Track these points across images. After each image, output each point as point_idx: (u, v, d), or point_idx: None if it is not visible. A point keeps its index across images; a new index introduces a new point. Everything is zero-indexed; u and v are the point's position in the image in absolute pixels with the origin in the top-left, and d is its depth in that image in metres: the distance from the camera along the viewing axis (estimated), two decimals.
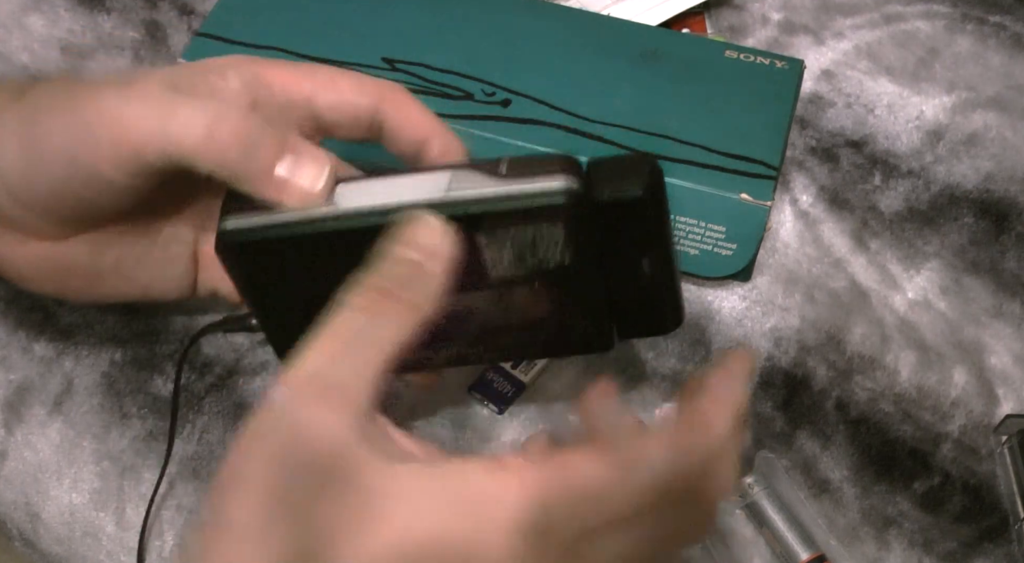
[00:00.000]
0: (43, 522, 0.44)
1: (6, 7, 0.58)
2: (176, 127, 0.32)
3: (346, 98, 0.37)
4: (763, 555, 0.44)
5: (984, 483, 0.46)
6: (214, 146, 0.32)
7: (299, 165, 0.33)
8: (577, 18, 0.53)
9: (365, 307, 0.30)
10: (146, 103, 0.33)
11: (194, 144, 0.32)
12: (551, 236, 0.31)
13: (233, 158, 0.32)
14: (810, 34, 0.59)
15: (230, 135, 0.32)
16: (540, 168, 0.31)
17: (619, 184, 0.31)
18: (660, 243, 0.32)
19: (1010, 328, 0.49)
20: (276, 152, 0.32)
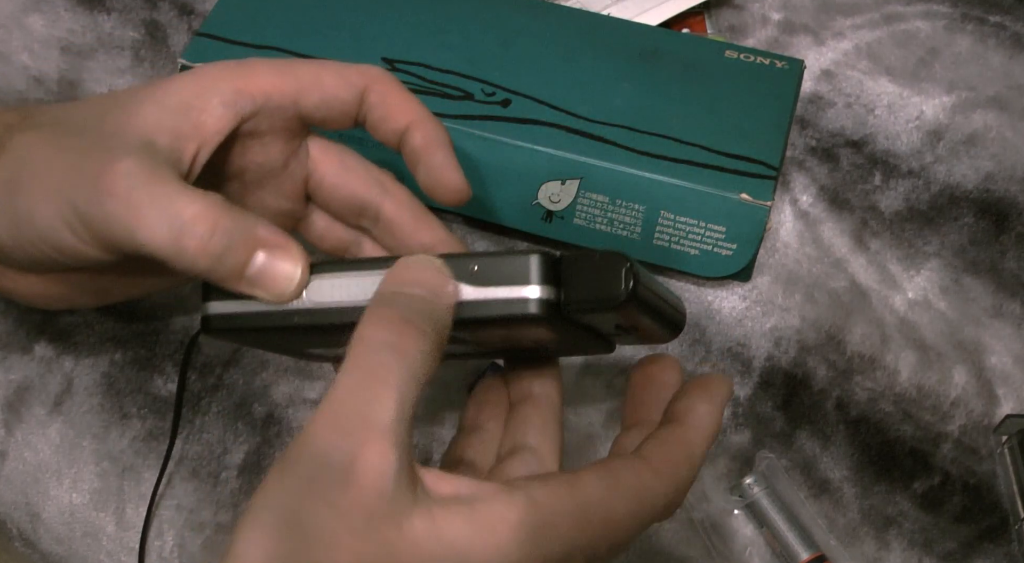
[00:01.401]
0: (43, 522, 0.44)
1: (6, 7, 0.58)
2: (143, 236, 0.32)
3: (331, 95, 0.37)
4: (763, 555, 0.44)
5: (984, 483, 0.46)
6: (182, 257, 0.32)
7: (271, 264, 0.32)
8: (577, 18, 0.53)
9: (392, 342, 0.29)
10: (117, 203, 0.32)
11: (162, 251, 0.32)
12: (528, 328, 0.31)
13: (202, 266, 0.32)
14: (810, 34, 0.59)
15: (196, 248, 0.32)
16: (512, 272, 0.30)
17: (594, 290, 0.30)
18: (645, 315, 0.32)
19: (1010, 328, 0.49)
20: (246, 254, 0.32)
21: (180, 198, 0.32)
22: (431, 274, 0.30)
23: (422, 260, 0.31)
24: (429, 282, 0.30)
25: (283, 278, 0.32)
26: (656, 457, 0.32)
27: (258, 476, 0.45)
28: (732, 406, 0.47)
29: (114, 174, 0.32)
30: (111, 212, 0.32)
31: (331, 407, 0.28)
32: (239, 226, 0.32)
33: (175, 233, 0.32)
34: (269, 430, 0.46)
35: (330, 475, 0.27)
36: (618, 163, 0.47)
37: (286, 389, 0.47)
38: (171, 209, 0.32)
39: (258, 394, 0.47)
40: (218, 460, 0.45)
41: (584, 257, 0.30)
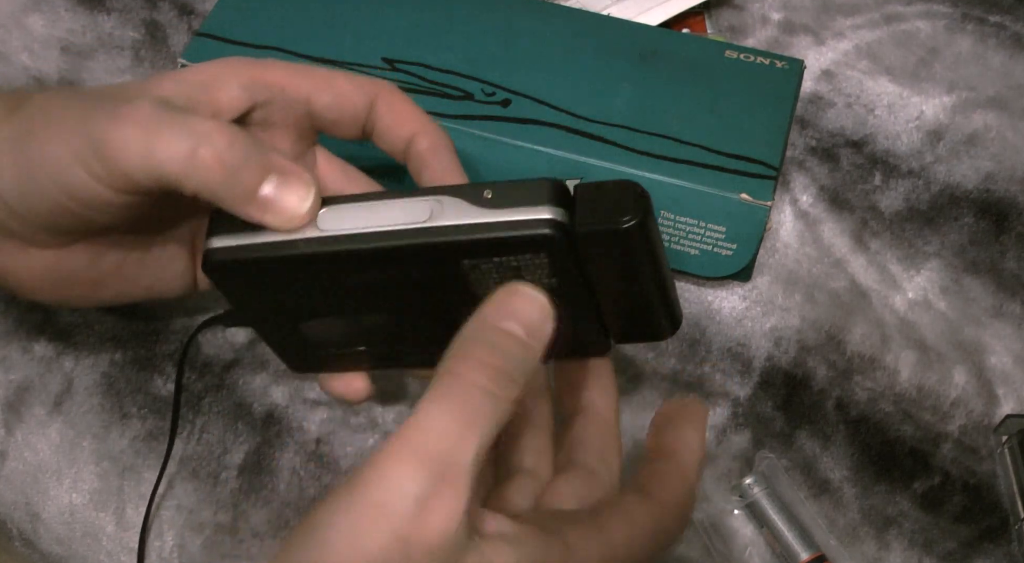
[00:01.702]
0: (43, 522, 0.44)
1: (6, 7, 0.58)
2: (161, 150, 0.32)
3: (342, 97, 0.37)
4: (763, 555, 0.44)
5: (984, 483, 0.46)
6: (197, 169, 0.32)
7: (283, 187, 0.32)
8: (577, 18, 0.53)
9: (490, 390, 0.29)
10: (135, 126, 0.32)
11: (178, 168, 0.32)
12: (537, 263, 0.31)
13: (216, 181, 0.32)
14: (810, 34, 0.59)
15: (212, 159, 0.32)
16: (525, 196, 0.30)
17: (606, 214, 0.30)
18: (650, 263, 0.32)
19: (1010, 328, 0.49)
20: (260, 174, 0.32)
21: (197, 118, 0.33)
22: (534, 310, 0.31)
23: (529, 294, 0.31)
24: (531, 321, 0.30)
25: (295, 202, 0.32)
26: (662, 493, 0.33)
27: (258, 476, 0.45)
28: (732, 406, 0.47)
29: (133, 106, 0.33)
30: (128, 135, 0.32)
31: (416, 440, 0.28)
32: (256, 146, 0.33)
33: (192, 144, 0.32)
34: (269, 430, 0.46)
35: (402, 506, 0.27)
36: (618, 163, 0.47)
37: (286, 389, 0.47)
38: (190, 125, 0.32)
39: (258, 394, 0.47)
40: (218, 460, 0.45)
41: (597, 185, 0.30)
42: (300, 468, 0.45)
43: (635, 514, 0.32)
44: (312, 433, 0.46)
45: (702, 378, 0.48)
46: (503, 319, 0.30)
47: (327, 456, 0.45)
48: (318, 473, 0.45)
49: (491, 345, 0.30)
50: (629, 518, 0.32)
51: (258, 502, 0.44)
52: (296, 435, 0.46)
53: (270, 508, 0.44)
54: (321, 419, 0.46)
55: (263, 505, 0.44)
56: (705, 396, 0.47)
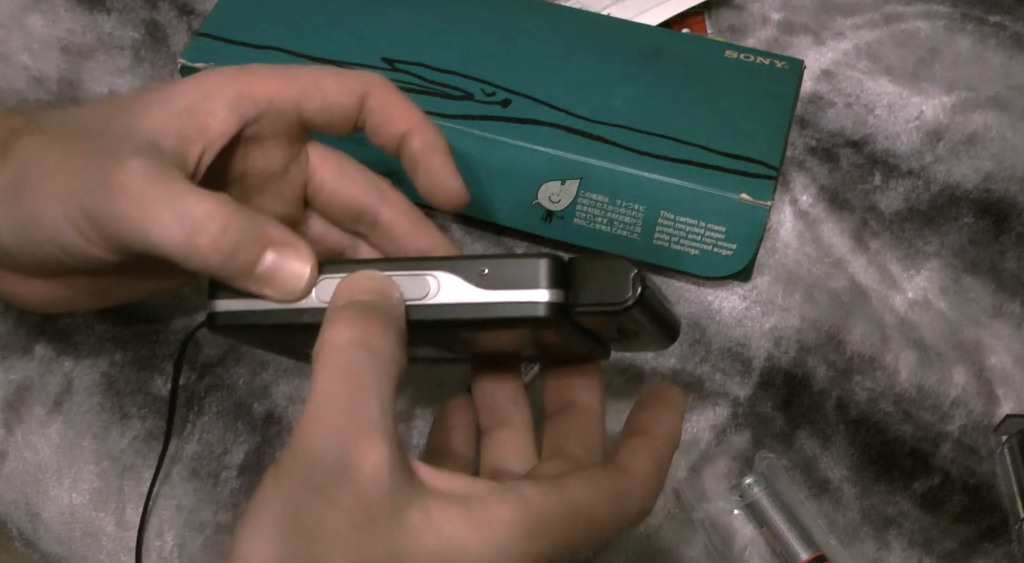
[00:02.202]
0: (43, 522, 0.44)
1: (6, 7, 0.58)
2: (155, 235, 0.32)
3: (332, 100, 0.37)
4: (763, 555, 0.44)
5: (984, 483, 0.46)
6: (193, 254, 0.32)
7: (281, 263, 0.33)
8: (577, 18, 0.53)
9: (358, 338, 0.30)
10: (127, 202, 0.32)
11: (174, 250, 0.32)
12: (535, 331, 0.32)
13: (213, 264, 0.32)
14: (810, 34, 0.59)
15: (208, 245, 0.32)
16: (522, 276, 0.31)
17: (603, 294, 0.31)
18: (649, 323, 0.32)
19: (1010, 328, 0.49)
20: (256, 253, 0.32)
21: (191, 197, 0.32)
22: (377, 282, 0.31)
23: (364, 274, 0.32)
24: (377, 289, 0.31)
25: (293, 276, 0.33)
26: (632, 465, 0.33)
27: (258, 476, 0.45)
28: (732, 406, 0.47)
29: (124, 172, 0.32)
30: (122, 211, 0.32)
31: (317, 408, 0.29)
32: (250, 224, 0.33)
33: (187, 231, 0.32)
34: (269, 430, 0.46)
35: (327, 473, 0.28)
36: (618, 163, 0.47)
37: (286, 389, 0.47)
38: (183, 207, 0.32)
39: (258, 394, 0.47)
40: (218, 460, 0.45)
41: (593, 262, 0.31)
42: None
43: (599, 478, 0.32)
44: None
45: (702, 378, 0.48)
46: (351, 296, 0.31)
47: None
48: None
49: (348, 306, 0.31)
50: (592, 481, 0.32)
51: None
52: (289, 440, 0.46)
53: None
54: None
55: None
56: (705, 396, 0.47)
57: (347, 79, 0.37)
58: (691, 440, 0.46)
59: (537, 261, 0.31)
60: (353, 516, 0.27)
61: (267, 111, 0.36)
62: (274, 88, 0.36)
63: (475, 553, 0.28)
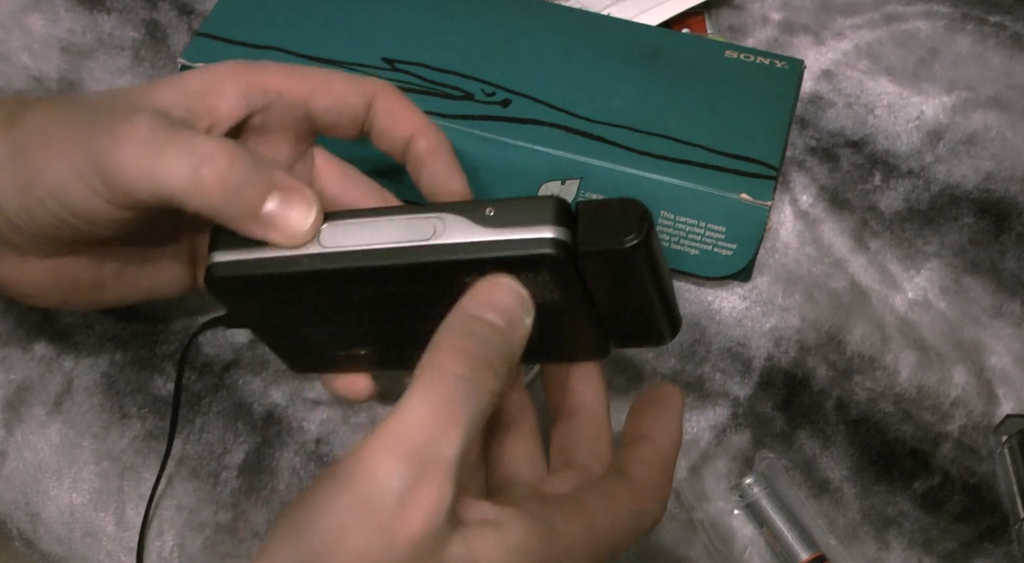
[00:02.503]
0: (43, 522, 0.44)
1: (6, 7, 0.58)
2: (162, 171, 0.32)
3: (340, 99, 0.37)
4: (763, 555, 0.44)
5: (984, 483, 0.46)
6: (199, 189, 0.32)
7: (286, 205, 0.32)
8: (577, 18, 0.53)
9: (469, 377, 0.29)
10: (135, 145, 0.32)
11: (180, 188, 0.32)
12: (539, 280, 0.31)
13: (219, 200, 0.32)
14: (810, 34, 0.59)
15: (214, 179, 0.32)
16: (527, 215, 0.30)
17: (609, 233, 0.30)
18: (652, 278, 0.32)
19: (1010, 328, 0.49)
20: (262, 193, 0.32)
21: (198, 137, 0.33)
22: (513, 302, 0.31)
23: (508, 285, 0.31)
24: (510, 312, 0.31)
25: (297, 219, 0.32)
26: (641, 475, 0.34)
27: (258, 476, 0.45)
28: (732, 406, 0.47)
29: (131, 124, 0.33)
30: (129, 154, 0.32)
31: (398, 432, 0.28)
32: (257, 164, 0.33)
33: (194, 165, 0.32)
34: (269, 430, 0.46)
35: (385, 500, 0.27)
36: (618, 163, 0.47)
37: (286, 389, 0.47)
38: (190, 146, 0.32)
39: (258, 394, 0.47)
40: (218, 460, 0.45)
41: (600, 203, 0.31)
42: (300, 468, 0.45)
43: (616, 496, 0.33)
44: (312, 433, 0.46)
45: (702, 378, 0.48)
46: (482, 309, 0.30)
47: (327, 456, 0.45)
48: (318, 473, 0.45)
49: (469, 334, 0.30)
50: (611, 500, 0.32)
51: (258, 502, 0.44)
52: (296, 435, 0.46)
53: (270, 508, 0.44)
54: (321, 419, 0.46)
55: (263, 505, 0.44)
56: (705, 396, 0.47)
57: (355, 81, 0.38)
58: (691, 440, 0.46)
59: (544, 199, 0.30)
60: (397, 548, 0.27)
61: (276, 102, 0.36)
62: (284, 82, 0.36)
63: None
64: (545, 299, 0.32)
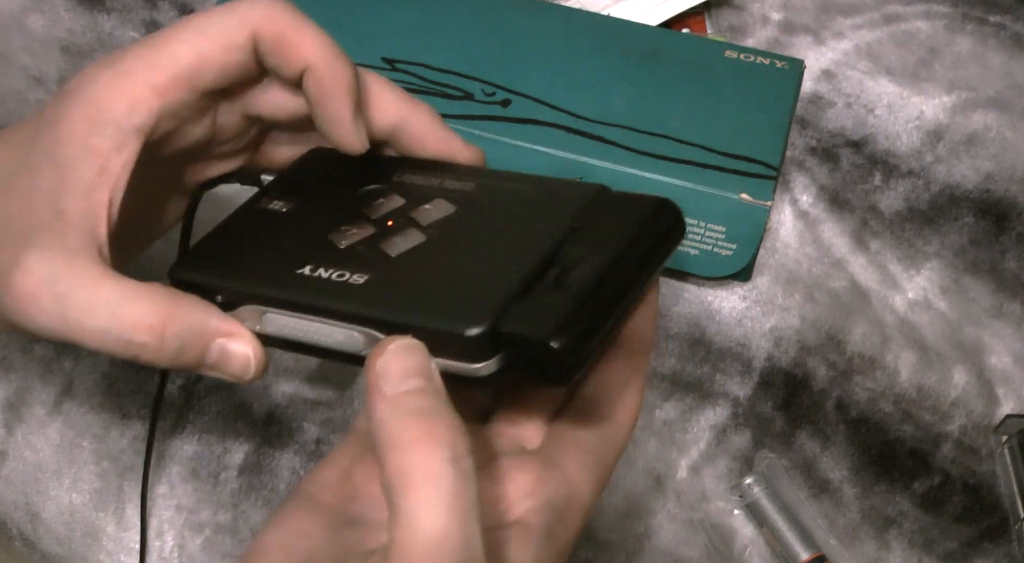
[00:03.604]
0: (43, 522, 0.44)
1: (6, 7, 0.58)
2: (94, 344, 0.30)
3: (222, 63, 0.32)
4: (763, 555, 0.44)
5: (984, 483, 0.46)
6: (140, 357, 0.31)
7: (227, 350, 0.32)
8: (577, 18, 0.53)
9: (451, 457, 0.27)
10: (45, 307, 0.30)
11: (113, 351, 0.30)
12: None
13: (163, 363, 0.31)
14: (810, 34, 0.59)
15: (153, 351, 0.30)
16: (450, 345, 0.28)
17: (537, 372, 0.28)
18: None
19: (1010, 328, 0.49)
20: (202, 347, 0.31)
21: (121, 303, 0.30)
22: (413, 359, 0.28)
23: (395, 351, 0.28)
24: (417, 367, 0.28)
25: (240, 361, 0.32)
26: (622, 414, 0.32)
27: (258, 476, 0.45)
28: (732, 406, 0.47)
29: (25, 273, 0.30)
30: (44, 319, 0.30)
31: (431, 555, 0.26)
32: (190, 325, 0.31)
33: (125, 343, 0.30)
34: (269, 430, 0.46)
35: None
36: (618, 163, 0.47)
37: (286, 389, 0.47)
38: (114, 316, 0.30)
39: (258, 394, 0.47)
40: (218, 460, 0.45)
41: (522, 337, 0.28)
42: (300, 468, 0.45)
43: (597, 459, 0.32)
44: (312, 433, 0.46)
45: (702, 378, 0.48)
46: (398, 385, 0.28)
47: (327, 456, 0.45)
48: None
49: (414, 414, 0.27)
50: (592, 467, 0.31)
51: (258, 502, 0.44)
52: (296, 435, 0.46)
53: (270, 508, 0.44)
54: (321, 419, 0.46)
55: (263, 505, 0.44)
56: (705, 396, 0.47)
57: (228, 34, 0.32)
58: (691, 440, 0.46)
59: (465, 331, 0.28)
60: None
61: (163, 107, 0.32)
62: (159, 80, 0.31)
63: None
64: None
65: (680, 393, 0.47)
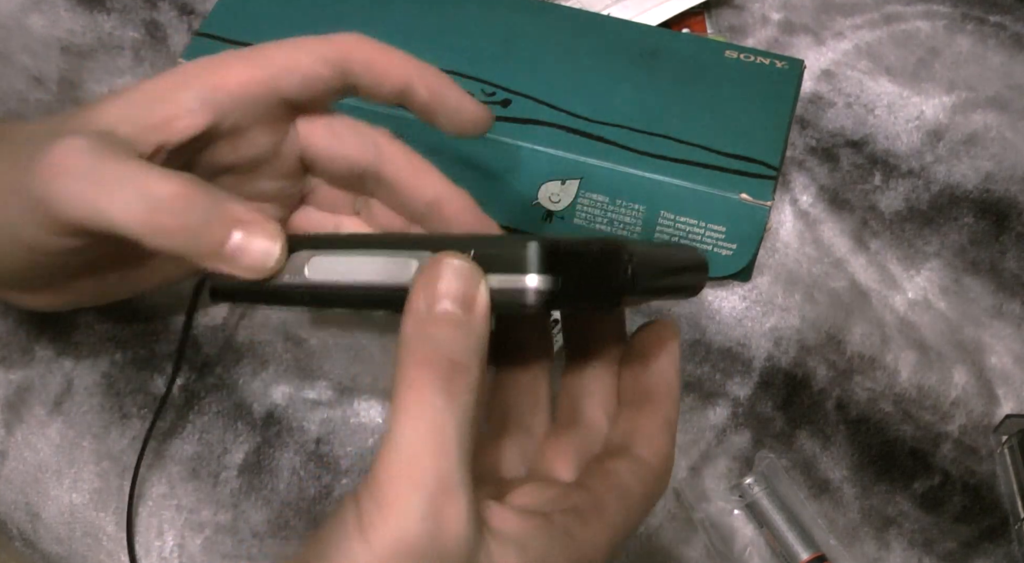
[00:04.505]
0: (43, 522, 0.44)
1: (6, 7, 0.58)
2: (111, 210, 0.31)
3: (309, 75, 0.36)
4: (763, 555, 0.44)
5: (984, 483, 0.46)
6: (156, 234, 0.31)
7: (247, 241, 0.31)
8: (577, 18, 0.53)
9: (443, 387, 0.28)
10: (73, 179, 0.31)
11: (134, 230, 0.31)
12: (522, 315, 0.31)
13: (178, 244, 0.31)
14: (810, 34, 0.59)
15: (172, 224, 0.31)
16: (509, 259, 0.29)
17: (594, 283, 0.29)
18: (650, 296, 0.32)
19: (1010, 328, 0.49)
20: (223, 231, 0.31)
21: (150, 175, 0.31)
22: (462, 285, 0.29)
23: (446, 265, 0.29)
24: (462, 295, 0.29)
25: (260, 254, 0.31)
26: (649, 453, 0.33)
27: (258, 476, 0.45)
28: (732, 406, 0.47)
29: (66, 153, 0.31)
30: (69, 188, 0.31)
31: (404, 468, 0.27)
32: (215, 203, 0.31)
33: (150, 210, 0.31)
34: (269, 430, 0.46)
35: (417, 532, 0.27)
36: (618, 163, 0.47)
37: (286, 389, 0.47)
38: (143, 186, 0.31)
39: (258, 394, 0.47)
40: (218, 460, 0.45)
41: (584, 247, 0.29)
42: (300, 468, 0.45)
43: (630, 487, 0.32)
44: (312, 433, 0.46)
45: (702, 378, 0.48)
46: (433, 304, 0.29)
47: (327, 456, 0.45)
48: (318, 473, 0.45)
49: (430, 340, 0.28)
50: (625, 492, 0.32)
51: (258, 502, 0.44)
52: (296, 435, 0.46)
53: (270, 508, 0.44)
54: (321, 419, 0.46)
55: (263, 505, 0.44)
56: (705, 396, 0.47)
57: (321, 49, 0.36)
58: (691, 440, 0.46)
59: (527, 243, 0.29)
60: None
61: (243, 101, 0.35)
62: (247, 75, 0.35)
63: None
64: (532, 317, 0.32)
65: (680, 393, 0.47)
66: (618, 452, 0.33)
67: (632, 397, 0.34)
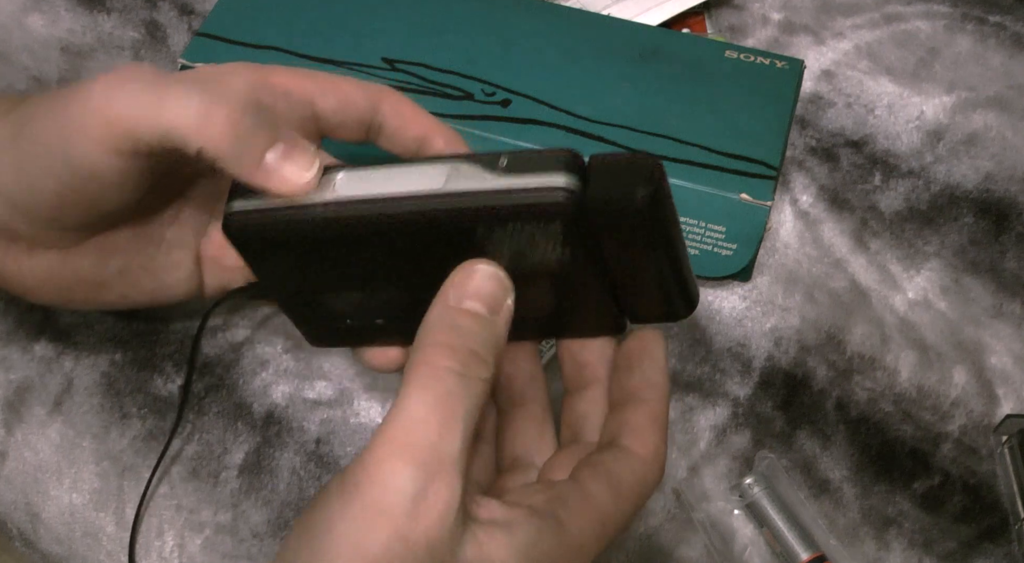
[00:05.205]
0: (43, 522, 0.44)
1: (6, 7, 0.58)
2: (171, 106, 0.32)
3: (347, 100, 0.37)
4: (763, 555, 0.44)
5: (984, 483, 0.46)
6: (208, 128, 0.32)
7: (288, 155, 0.33)
8: (577, 18, 0.53)
9: (459, 371, 0.30)
10: (139, 85, 0.33)
11: (188, 124, 0.32)
12: (549, 233, 0.31)
13: (226, 142, 0.32)
14: (810, 34, 0.59)
15: (224, 119, 0.32)
16: (540, 164, 0.31)
17: (619, 185, 0.30)
18: (664, 241, 0.32)
19: (1010, 328, 0.49)
20: (267, 141, 0.33)
21: (205, 88, 0.33)
22: (492, 287, 0.31)
23: (485, 270, 0.31)
24: (491, 298, 0.31)
25: (297, 171, 0.32)
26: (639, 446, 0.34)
27: (258, 476, 0.45)
28: (732, 406, 0.47)
29: (132, 66, 0.33)
30: (134, 94, 0.32)
31: (402, 435, 0.29)
32: (265, 114, 0.33)
33: (206, 102, 0.32)
34: (269, 430, 0.46)
35: (399, 505, 0.28)
36: None
37: (286, 389, 0.47)
38: (202, 84, 0.33)
39: (258, 394, 0.47)
40: (218, 460, 0.45)
41: (615, 157, 0.31)
42: (300, 468, 0.45)
43: (619, 475, 0.33)
44: (312, 433, 0.46)
45: (702, 378, 0.48)
46: (463, 299, 0.31)
47: (327, 456, 0.45)
48: (318, 473, 0.45)
49: (455, 328, 0.30)
50: (613, 481, 0.32)
51: (258, 502, 0.44)
52: (296, 435, 0.46)
53: (270, 508, 0.44)
54: (321, 419, 0.46)
55: (263, 505, 0.44)
56: (705, 396, 0.47)
57: (363, 84, 0.38)
58: (691, 440, 0.46)
59: (557, 151, 0.31)
60: (417, 552, 0.28)
61: (282, 101, 0.36)
62: (290, 81, 0.37)
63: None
64: (556, 257, 0.32)
65: (680, 393, 0.47)
66: (606, 446, 0.34)
67: (619, 399, 0.35)
